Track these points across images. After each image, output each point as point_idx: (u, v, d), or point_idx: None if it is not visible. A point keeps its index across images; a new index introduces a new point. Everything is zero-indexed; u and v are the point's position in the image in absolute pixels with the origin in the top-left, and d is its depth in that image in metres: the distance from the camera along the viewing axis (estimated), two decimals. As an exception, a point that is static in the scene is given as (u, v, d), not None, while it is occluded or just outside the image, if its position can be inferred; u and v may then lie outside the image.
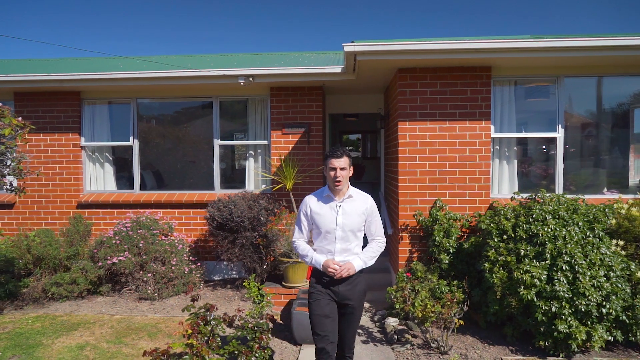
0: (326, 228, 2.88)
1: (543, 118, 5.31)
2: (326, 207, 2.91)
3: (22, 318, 4.91)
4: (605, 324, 3.77)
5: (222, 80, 5.88)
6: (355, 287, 2.89)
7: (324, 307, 2.85)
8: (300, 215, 3.02)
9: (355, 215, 2.88)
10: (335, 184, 2.84)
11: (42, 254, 5.57)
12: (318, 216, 2.91)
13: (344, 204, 2.90)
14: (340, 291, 2.86)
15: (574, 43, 4.47)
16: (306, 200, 3.00)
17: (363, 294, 2.98)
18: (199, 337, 3.07)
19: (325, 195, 2.94)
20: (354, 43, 4.51)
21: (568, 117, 5.40)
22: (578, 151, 5.57)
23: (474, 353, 4.00)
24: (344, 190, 2.91)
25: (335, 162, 2.82)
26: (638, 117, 5.75)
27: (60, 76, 5.98)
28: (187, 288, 5.73)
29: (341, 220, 2.86)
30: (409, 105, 5.06)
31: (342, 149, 2.87)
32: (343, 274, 2.76)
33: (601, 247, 3.91)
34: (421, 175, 5.08)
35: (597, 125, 5.68)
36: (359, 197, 2.96)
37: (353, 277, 2.88)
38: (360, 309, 2.98)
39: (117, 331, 4.52)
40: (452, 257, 4.73)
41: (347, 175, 2.88)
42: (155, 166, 7.06)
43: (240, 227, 5.43)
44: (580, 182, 5.53)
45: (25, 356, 3.92)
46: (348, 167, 2.88)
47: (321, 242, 2.93)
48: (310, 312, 2.89)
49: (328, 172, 2.87)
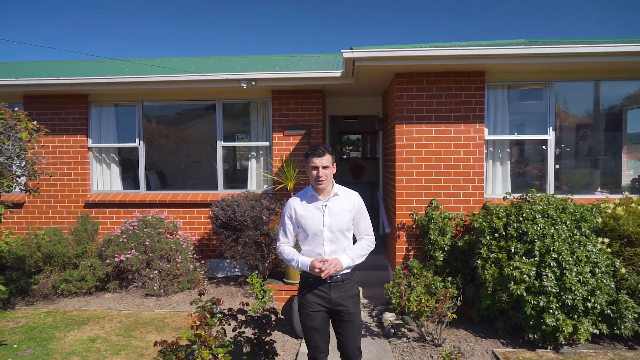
0: (313, 230, 2.75)
1: (535, 120, 5.51)
2: (311, 208, 2.79)
3: (34, 313, 5.11)
4: (591, 318, 3.97)
5: (226, 84, 6.08)
6: (346, 291, 2.76)
7: (314, 320, 2.76)
8: (285, 218, 2.89)
9: (342, 214, 2.76)
10: (318, 183, 2.72)
11: (51, 251, 5.76)
12: (303, 218, 2.78)
13: (330, 202, 2.77)
14: (331, 297, 2.73)
15: (563, 50, 4.66)
16: (290, 202, 2.88)
17: (357, 297, 2.84)
18: (206, 328, 3.26)
19: (310, 195, 2.81)
20: (353, 50, 4.71)
21: (564, 117, 5.61)
22: (572, 152, 5.78)
23: (467, 345, 4.20)
24: (328, 189, 2.79)
25: (317, 160, 2.70)
26: (631, 118, 5.95)
27: (69, 80, 6.18)
28: (191, 285, 5.94)
29: (328, 220, 2.73)
30: (406, 108, 5.26)
31: (324, 146, 2.75)
32: (330, 270, 2.62)
33: (587, 244, 4.11)
34: (417, 176, 5.28)
35: (590, 127, 5.88)
36: (345, 195, 2.84)
37: (344, 282, 2.76)
38: (358, 315, 2.82)
39: (125, 325, 4.72)
40: (447, 254, 4.93)
41: (330, 174, 2.76)
42: (159, 167, 7.27)
43: (243, 226, 5.63)
44: (574, 182, 5.74)
45: (40, 348, 4.12)
46: (331, 165, 2.76)
47: (309, 246, 2.79)
48: (302, 322, 2.85)
49: (310, 172, 2.76)
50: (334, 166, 2.82)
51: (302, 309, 2.82)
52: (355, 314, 2.79)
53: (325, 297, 2.75)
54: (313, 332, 2.78)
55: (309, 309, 2.78)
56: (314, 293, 2.77)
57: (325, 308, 2.77)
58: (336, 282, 2.74)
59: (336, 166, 2.88)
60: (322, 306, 2.77)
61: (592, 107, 5.88)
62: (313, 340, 2.79)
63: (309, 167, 2.77)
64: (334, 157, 2.80)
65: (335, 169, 2.83)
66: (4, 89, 6.25)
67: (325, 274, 2.62)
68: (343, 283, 2.76)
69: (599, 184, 5.77)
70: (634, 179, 5.94)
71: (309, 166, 2.77)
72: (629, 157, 5.95)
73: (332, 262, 2.65)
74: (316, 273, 2.65)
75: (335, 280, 2.74)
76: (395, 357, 4.03)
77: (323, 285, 2.74)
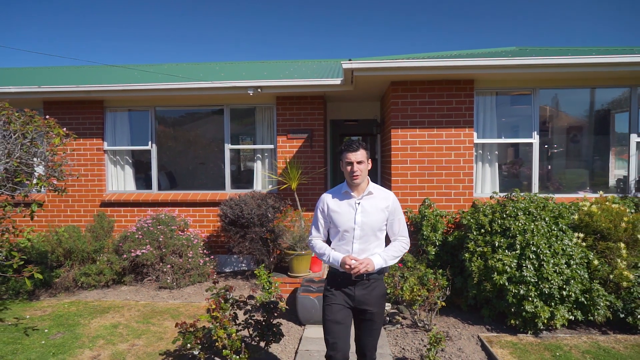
0: (344, 227, 2.72)
1: (521, 125, 5.93)
2: (344, 205, 2.76)
3: (58, 303, 5.55)
4: (567, 305, 4.38)
5: (233, 91, 6.52)
6: (372, 290, 2.71)
7: (336, 313, 2.70)
8: (317, 213, 2.88)
9: (375, 213, 2.72)
10: (353, 179, 2.68)
11: (72, 247, 6.20)
12: (335, 214, 2.76)
13: (364, 201, 2.74)
14: (356, 295, 2.70)
15: (544, 61, 5.08)
16: (323, 198, 2.85)
17: (382, 299, 2.78)
18: (220, 312, 3.70)
19: (344, 191, 2.79)
20: (351, 61, 5.14)
21: (549, 121, 6.03)
22: (558, 154, 6.20)
23: (455, 331, 4.62)
24: (362, 186, 2.76)
25: (352, 155, 2.67)
26: (618, 120, 6.36)
27: (87, 87, 6.63)
28: (202, 278, 6.37)
29: (360, 219, 2.70)
30: (401, 114, 5.68)
31: (358, 142, 2.70)
32: (361, 269, 2.58)
33: (564, 239, 4.52)
34: (412, 177, 5.70)
35: (577, 130, 6.31)
36: (379, 194, 2.79)
37: (370, 280, 2.72)
38: (381, 315, 2.79)
39: (143, 314, 5.15)
40: (439, 249, 5.35)
41: (365, 169, 2.71)
42: (170, 168, 7.71)
43: (250, 223, 6.06)
44: (562, 182, 6.17)
45: (68, 332, 4.55)
46: (366, 160, 2.71)
47: (339, 242, 2.78)
48: (323, 316, 2.77)
49: (345, 167, 2.72)
50: (369, 162, 2.78)
51: (326, 301, 2.78)
52: (378, 314, 2.75)
53: (350, 295, 2.72)
54: (333, 325, 2.69)
55: (332, 301, 2.74)
56: (340, 289, 2.75)
57: (349, 305, 2.74)
58: (362, 281, 2.71)
59: (371, 162, 2.85)
60: (347, 303, 2.73)
61: (580, 111, 6.31)
62: (333, 335, 2.68)
63: (343, 163, 2.74)
64: (368, 152, 2.76)
65: (370, 164, 2.79)
66: (26, 95, 6.70)
67: (355, 272, 2.60)
68: (369, 282, 2.72)
69: (588, 184, 6.18)
70: (618, 179, 6.34)
71: (343, 162, 2.73)
72: (616, 158, 6.35)
73: (364, 262, 2.61)
74: (346, 269, 2.62)
75: (362, 278, 2.71)
76: (390, 341, 4.45)
77: (350, 283, 2.72)
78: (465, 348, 4.22)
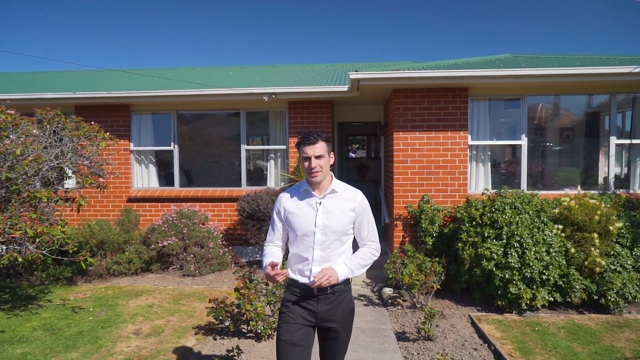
0: (303, 230, 2.31)
1: (511, 128, 6.53)
2: (303, 205, 2.36)
3: (95, 288, 6.22)
4: (547, 288, 4.99)
5: (249, 97, 7.16)
6: (338, 305, 2.31)
7: (293, 333, 2.27)
8: (274, 215, 2.45)
9: (340, 215, 2.32)
10: (312, 176, 2.28)
11: (104, 238, 6.87)
12: (293, 216, 2.35)
13: (326, 200, 2.34)
14: (318, 311, 2.29)
15: (533, 72, 5.68)
16: (280, 197, 2.45)
17: (349, 314, 2.38)
18: (246, 290, 4.35)
19: (303, 190, 2.38)
20: (358, 72, 5.76)
21: (543, 123, 6.62)
22: (550, 153, 6.79)
23: (449, 311, 5.24)
24: (324, 184, 2.35)
25: (309, 149, 2.26)
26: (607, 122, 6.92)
27: (116, 94, 7.31)
28: (221, 267, 7.02)
29: (322, 221, 2.30)
30: (402, 118, 6.30)
31: (317, 133, 2.30)
32: (322, 281, 2.17)
33: (545, 230, 5.13)
34: (412, 175, 6.32)
35: (567, 131, 6.90)
36: (345, 193, 2.38)
37: (336, 293, 2.31)
38: (347, 332, 2.39)
39: (172, 296, 5.81)
40: (435, 240, 5.97)
41: (326, 165, 2.30)
42: (191, 166, 8.36)
43: (265, 217, 6.70)
44: (552, 180, 6.76)
45: (110, 311, 5.22)
46: (327, 154, 2.30)
47: (297, 249, 2.35)
48: (277, 335, 2.32)
49: (302, 163, 2.32)
50: (332, 156, 2.37)
51: (281, 319, 2.35)
52: (344, 331, 2.37)
53: (312, 311, 2.31)
54: (289, 347, 2.24)
55: (288, 319, 2.31)
56: (300, 304, 2.33)
57: (311, 323, 2.33)
58: (326, 295, 2.30)
59: (334, 156, 2.47)
60: (307, 320, 2.31)
61: (568, 114, 6.90)
62: (288, 358, 2.23)
63: (301, 158, 2.34)
64: (329, 144, 2.35)
65: (333, 159, 2.38)
66: (62, 101, 7.38)
67: (316, 285, 2.19)
68: (334, 295, 2.31)
69: (579, 181, 6.72)
70: (604, 177, 6.91)
71: (301, 157, 2.33)
72: (606, 157, 6.91)
73: (326, 272, 2.21)
74: (270, 280, 2.26)
75: (324, 292, 2.30)
76: (391, 320, 5.08)
77: (311, 296, 2.31)
78: (457, 325, 4.85)
